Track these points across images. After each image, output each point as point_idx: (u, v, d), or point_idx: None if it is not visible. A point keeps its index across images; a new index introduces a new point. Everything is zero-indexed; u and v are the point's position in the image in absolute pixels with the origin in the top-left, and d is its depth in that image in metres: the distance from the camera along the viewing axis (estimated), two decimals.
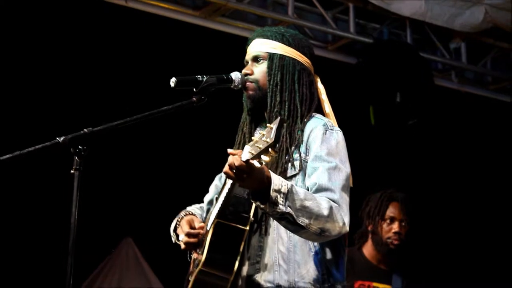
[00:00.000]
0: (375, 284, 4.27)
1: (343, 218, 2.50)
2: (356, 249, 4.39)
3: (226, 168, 2.34)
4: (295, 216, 2.39)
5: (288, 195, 2.38)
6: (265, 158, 2.24)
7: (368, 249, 4.38)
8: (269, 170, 2.38)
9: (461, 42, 6.80)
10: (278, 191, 2.36)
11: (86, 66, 5.56)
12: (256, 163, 2.27)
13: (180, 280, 2.88)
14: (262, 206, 2.39)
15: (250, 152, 2.25)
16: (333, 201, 2.49)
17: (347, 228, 2.52)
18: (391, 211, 4.37)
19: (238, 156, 2.29)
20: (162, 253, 5.53)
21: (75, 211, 2.38)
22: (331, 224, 2.46)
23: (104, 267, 6.33)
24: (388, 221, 4.35)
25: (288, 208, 2.38)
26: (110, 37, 5.55)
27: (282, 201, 2.37)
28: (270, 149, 2.21)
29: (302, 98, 2.71)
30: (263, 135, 2.24)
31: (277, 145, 2.21)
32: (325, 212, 2.44)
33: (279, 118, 2.25)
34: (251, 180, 2.33)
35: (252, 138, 2.32)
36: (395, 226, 4.32)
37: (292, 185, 2.42)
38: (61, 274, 2.41)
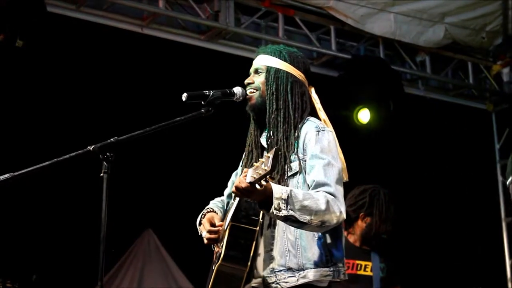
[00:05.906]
0: (358, 261, 4.27)
1: (340, 208, 2.50)
2: None
3: (233, 188, 2.42)
4: (297, 216, 2.42)
5: (289, 199, 2.41)
6: (264, 182, 2.33)
7: (352, 234, 4.32)
8: (270, 182, 2.41)
9: (425, 56, 6.82)
10: (279, 198, 2.40)
11: (109, 84, 5.56)
12: (257, 185, 2.33)
13: (196, 266, 2.85)
14: (268, 213, 2.44)
15: (252, 176, 2.33)
16: (330, 193, 2.50)
17: (344, 216, 2.52)
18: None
19: (244, 178, 2.36)
20: (180, 243, 5.53)
21: (105, 207, 2.38)
22: (329, 215, 2.46)
23: (128, 256, 6.31)
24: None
25: (290, 211, 2.41)
26: (128, 59, 5.54)
27: (284, 206, 2.39)
28: (267, 176, 2.31)
29: (295, 106, 2.72)
30: (263, 162, 2.32)
31: (273, 173, 2.30)
32: (323, 206, 2.45)
33: (274, 148, 2.31)
34: (255, 196, 2.40)
35: (254, 163, 2.40)
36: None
37: (291, 190, 2.44)
38: (93, 260, 2.43)
